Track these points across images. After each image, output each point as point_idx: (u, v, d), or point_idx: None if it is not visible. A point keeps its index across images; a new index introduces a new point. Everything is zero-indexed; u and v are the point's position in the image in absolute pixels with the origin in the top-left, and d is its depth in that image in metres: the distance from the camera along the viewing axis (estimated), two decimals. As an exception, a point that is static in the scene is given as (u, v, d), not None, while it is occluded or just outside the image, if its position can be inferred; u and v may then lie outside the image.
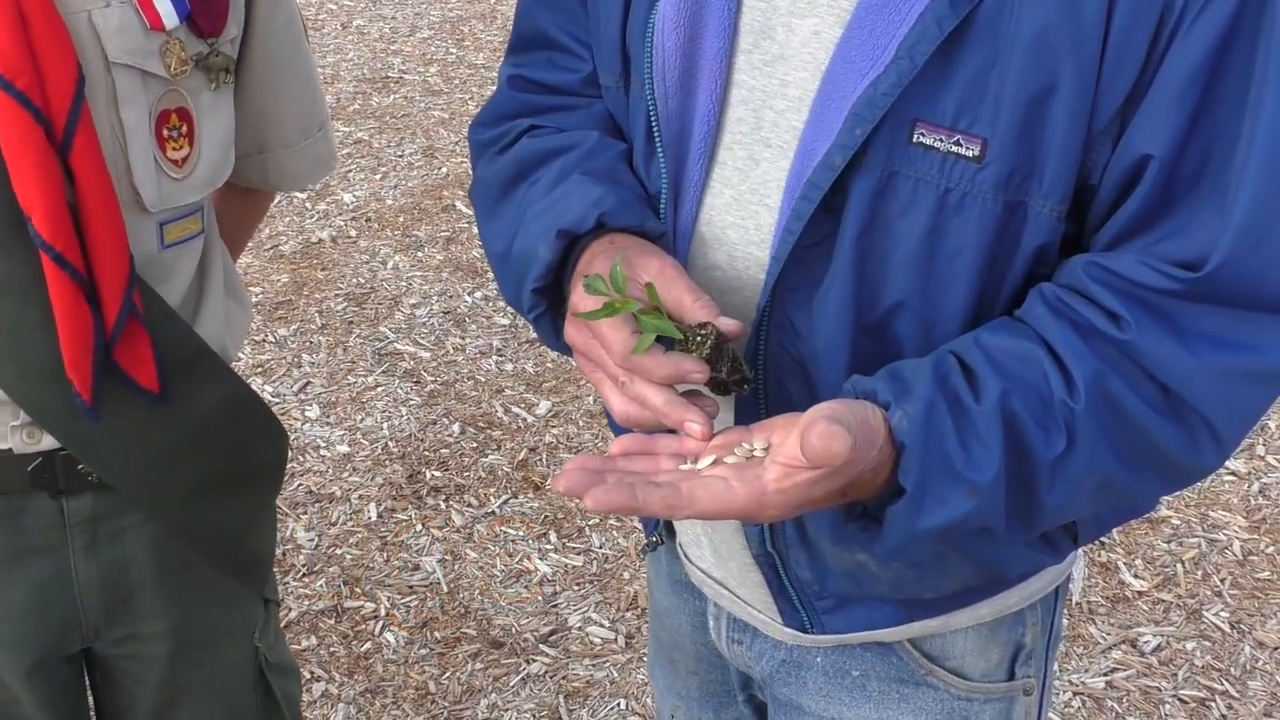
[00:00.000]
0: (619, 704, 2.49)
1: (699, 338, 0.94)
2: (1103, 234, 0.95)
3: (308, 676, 2.54)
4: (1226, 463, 3.08)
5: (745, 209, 1.04)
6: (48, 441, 1.31)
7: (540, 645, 2.62)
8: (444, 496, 3.03)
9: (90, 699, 1.53)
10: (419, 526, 2.94)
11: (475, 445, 3.19)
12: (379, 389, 3.41)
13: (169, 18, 1.24)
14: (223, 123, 1.34)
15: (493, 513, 2.98)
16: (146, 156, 1.26)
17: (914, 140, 0.93)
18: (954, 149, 0.92)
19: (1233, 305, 0.92)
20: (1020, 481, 0.93)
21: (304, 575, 2.80)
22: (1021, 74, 0.90)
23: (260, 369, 3.50)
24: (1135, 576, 2.77)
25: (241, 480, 1.46)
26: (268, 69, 1.41)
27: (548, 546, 2.88)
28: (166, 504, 1.38)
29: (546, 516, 2.96)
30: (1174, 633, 2.62)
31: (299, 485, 3.07)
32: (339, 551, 2.87)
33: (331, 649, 2.62)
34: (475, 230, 4.22)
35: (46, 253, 1.18)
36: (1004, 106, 0.91)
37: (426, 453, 3.17)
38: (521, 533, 2.92)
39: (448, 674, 2.56)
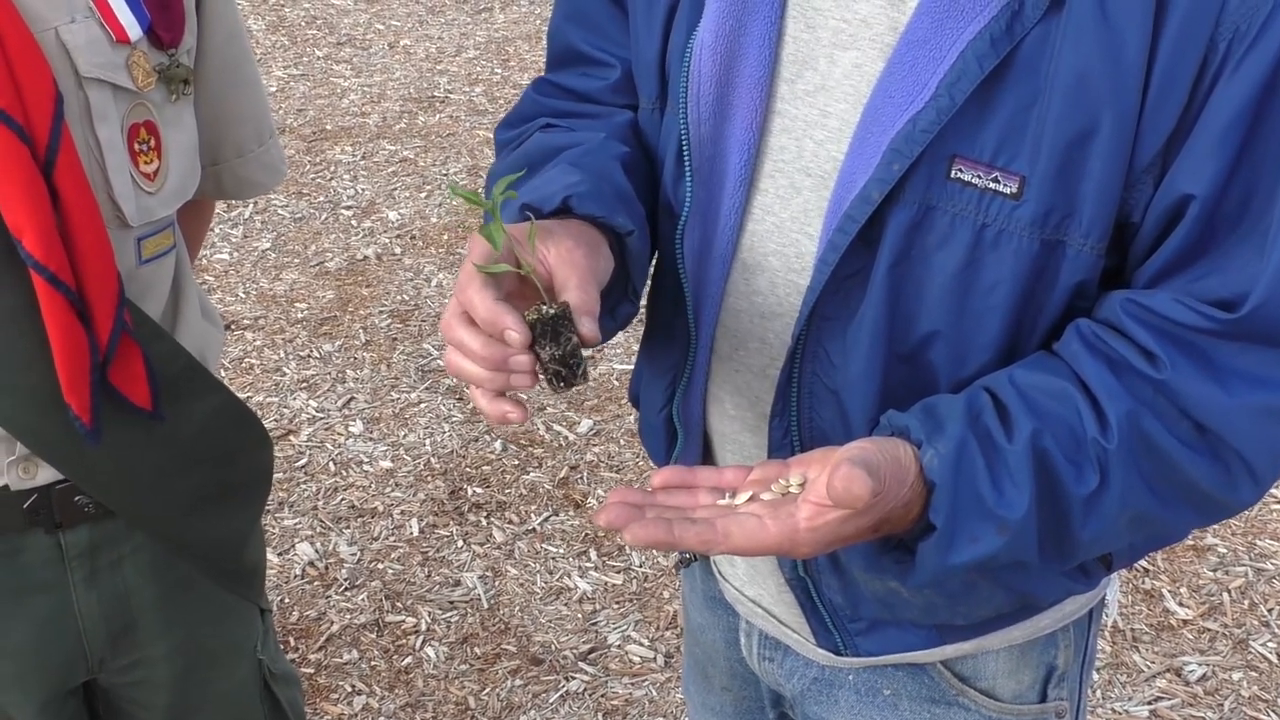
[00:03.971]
0: (657, 723, 2.49)
1: (544, 306, 0.90)
2: (1143, 271, 0.95)
3: (348, 690, 2.56)
4: (1274, 491, 3.04)
5: (787, 236, 1.05)
6: (43, 476, 1.30)
7: (580, 663, 2.62)
8: (485, 513, 3.05)
9: None
10: (460, 542, 2.95)
11: (517, 463, 3.21)
12: (422, 405, 3.44)
13: (132, 29, 1.24)
14: (186, 134, 1.34)
15: (533, 530, 2.99)
16: (123, 171, 1.25)
17: (952, 176, 0.93)
18: (992, 185, 0.93)
19: (1270, 344, 0.92)
20: (1053, 518, 0.93)
21: (346, 590, 2.82)
22: (1061, 115, 0.90)
23: (305, 384, 3.54)
24: (1180, 605, 2.74)
25: (235, 491, 1.45)
26: (220, 78, 1.40)
27: (588, 564, 2.88)
28: (167, 522, 1.38)
29: (587, 534, 2.97)
30: (1220, 662, 2.59)
31: (341, 500, 3.09)
32: (381, 566, 2.89)
33: (373, 663, 2.63)
34: (519, 249, 4.24)
35: (40, 274, 1.16)
36: (1043, 146, 0.91)
37: (468, 469, 3.19)
38: (562, 550, 2.93)
39: (487, 690, 2.56)
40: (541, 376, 0.91)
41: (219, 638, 1.49)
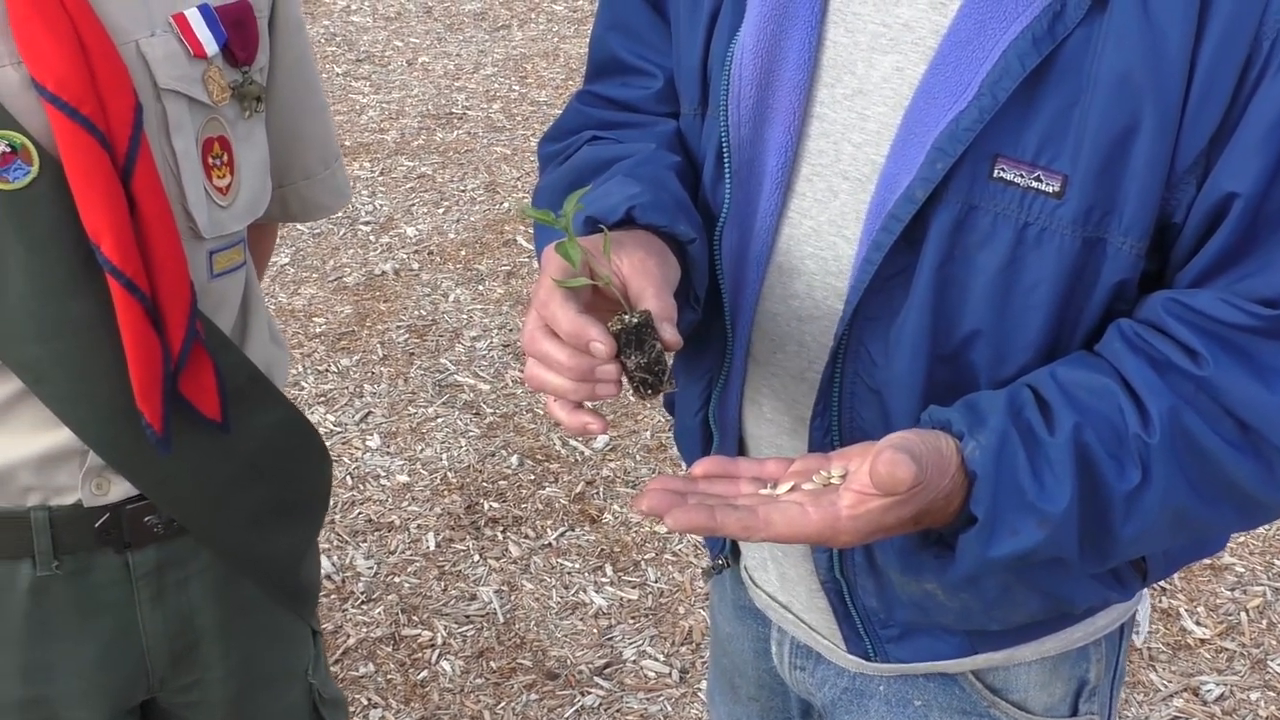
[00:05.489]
0: (673, 739, 2.49)
1: (625, 315, 0.91)
2: (1186, 272, 0.96)
3: (364, 703, 2.57)
4: (1292, 510, 3.01)
5: (824, 240, 1.06)
6: (115, 493, 1.31)
7: (595, 678, 2.62)
8: (501, 527, 3.05)
9: None
10: (476, 557, 2.96)
11: (533, 477, 3.21)
12: (439, 420, 3.45)
13: (209, 45, 1.27)
14: (258, 151, 1.36)
15: (549, 544, 2.99)
16: (197, 183, 1.27)
17: (994, 175, 0.94)
18: (1034, 184, 0.94)
19: None
20: (1094, 513, 0.93)
21: (363, 603, 2.83)
22: (1103, 114, 0.91)
23: (322, 398, 3.55)
24: (1198, 624, 2.73)
25: (296, 506, 1.46)
26: (289, 99, 1.42)
27: (603, 579, 2.89)
28: (231, 536, 1.39)
29: (603, 549, 2.97)
30: (1238, 682, 2.58)
31: (359, 514, 3.10)
32: (397, 580, 2.89)
33: (389, 676, 2.64)
34: (535, 265, 4.25)
35: (117, 279, 1.18)
36: (1085, 144, 0.92)
37: (485, 484, 3.20)
38: (578, 565, 2.93)
39: (503, 704, 2.57)
40: (627, 385, 0.93)
41: (274, 660, 1.49)
